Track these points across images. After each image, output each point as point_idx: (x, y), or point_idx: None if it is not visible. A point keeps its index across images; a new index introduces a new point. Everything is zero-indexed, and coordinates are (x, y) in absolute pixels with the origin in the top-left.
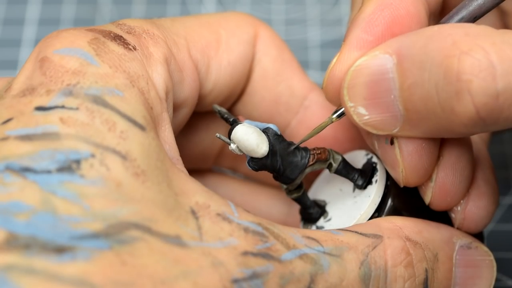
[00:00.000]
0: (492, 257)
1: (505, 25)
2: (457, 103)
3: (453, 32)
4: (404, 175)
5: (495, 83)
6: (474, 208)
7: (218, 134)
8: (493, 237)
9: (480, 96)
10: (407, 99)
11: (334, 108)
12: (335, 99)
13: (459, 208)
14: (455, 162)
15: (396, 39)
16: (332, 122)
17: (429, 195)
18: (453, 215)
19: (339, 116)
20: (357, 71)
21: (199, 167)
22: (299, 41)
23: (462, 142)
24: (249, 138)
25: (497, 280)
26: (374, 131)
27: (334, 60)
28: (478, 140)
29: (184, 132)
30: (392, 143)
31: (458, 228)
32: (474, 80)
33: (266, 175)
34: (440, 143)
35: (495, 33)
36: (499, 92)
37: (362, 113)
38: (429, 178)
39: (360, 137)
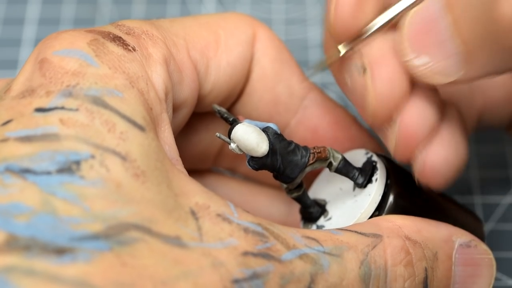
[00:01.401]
0: (491, 256)
1: None
2: (498, 5)
3: None
4: (373, 107)
5: None
6: (434, 156)
7: (218, 134)
8: (493, 237)
9: None
10: (460, 31)
11: (334, 109)
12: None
13: (419, 156)
14: (421, 108)
15: None
16: (340, 55)
17: (393, 141)
18: (414, 167)
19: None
20: (411, 20)
21: (198, 167)
22: (299, 40)
23: (430, 94)
24: (249, 137)
25: (497, 279)
26: (441, 80)
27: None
28: (454, 109)
29: (183, 133)
30: (364, 72)
31: (417, 179)
32: None
33: (266, 176)
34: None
35: None
36: None
37: (424, 62)
38: (392, 120)
39: (360, 137)
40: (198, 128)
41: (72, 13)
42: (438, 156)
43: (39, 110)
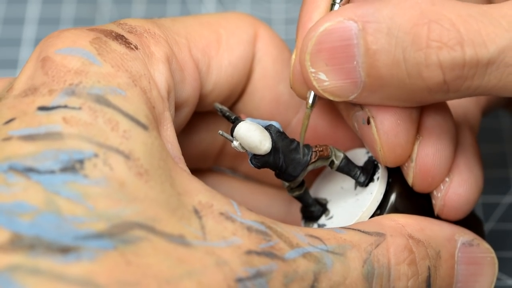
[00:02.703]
0: (493, 254)
1: (489, 1)
2: (425, 68)
3: (419, 1)
4: (383, 154)
5: (463, 53)
6: (454, 195)
7: (220, 131)
8: (493, 237)
9: (448, 63)
10: (371, 65)
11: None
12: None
13: (439, 194)
14: (435, 142)
15: (359, 6)
16: (311, 112)
17: (411, 176)
18: (433, 201)
19: (313, 103)
20: (321, 37)
21: (200, 167)
22: None
23: (443, 123)
24: (252, 135)
25: (497, 279)
26: (331, 98)
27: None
28: (465, 127)
29: (185, 132)
30: (368, 122)
31: (437, 214)
32: (443, 47)
33: (266, 175)
34: (420, 124)
35: (459, 5)
36: (466, 61)
37: (322, 79)
38: (409, 158)
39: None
40: (200, 127)
41: (72, 12)
42: (457, 194)
43: (42, 108)
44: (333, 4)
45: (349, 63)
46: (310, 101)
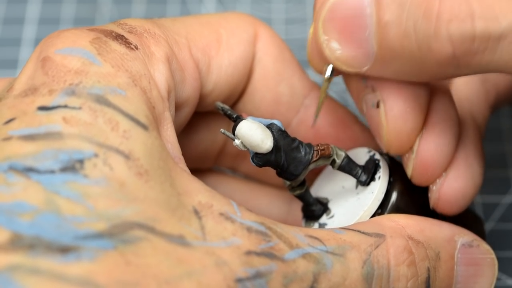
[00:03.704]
0: (493, 255)
1: None
2: (435, 41)
3: None
4: (387, 139)
5: (473, 26)
6: (449, 189)
7: (222, 130)
8: (493, 237)
9: (458, 36)
10: (383, 36)
11: (335, 108)
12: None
13: (434, 187)
14: (438, 136)
15: None
16: (328, 85)
17: (411, 168)
18: (429, 195)
19: (330, 75)
20: (334, 5)
21: (200, 166)
22: (300, 40)
23: (447, 117)
24: (254, 133)
25: (497, 278)
26: (343, 67)
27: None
28: (470, 124)
29: (185, 132)
30: (378, 106)
31: (432, 208)
32: (453, 20)
33: (266, 175)
34: (426, 115)
35: None
36: (476, 35)
37: (334, 47)
38: (411, 149)
39: (361, 135)
40: (200, 127)
41: (72, 12)
42: (452, 188)
43: (42, 108)
44: None
45: (361, 33)
46: (328, 73)
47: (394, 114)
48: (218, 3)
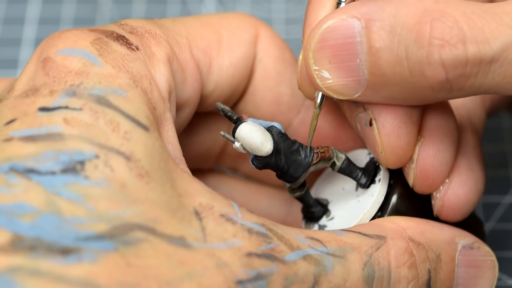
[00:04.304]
0: (494, 257)
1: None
2: (428, 66)
3: None
4: (384, 156)
5: (466, 50)
6: (453, 196)
7: (222, 132)
8: (493, 236)
9: (450, 61)
10: (374, 63)
11: (336, 108)
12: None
13: (438, 195)
14: (436, 144)
15: (362, 4)
16: (319, 112)
17: (412, 177)
18: (433, 202)
19: (321, 102)
20: (324, 34)
21: (200, 167)
22: (300, 40)
23: (445, 124)
24: (254, 136)
25: (497, 279)
26: (334, 96)
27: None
28: (468, 129)
29: (186, 133)
30: (371, 124)
31: (436, 215)
32: (445, 45)
33: (267, 175)
34: (422, 125)
35: (463, 3)
36: (469, 59)
37: (325, 77)
38: (409, 160)
39: None
40: (200, 128)
41: (72, 12)
42: (456, 195)
43: (43, 109)
44: (338, 3)
45: (352, 61)
46: (318, 101)
47: (387, 131)
48: (218, 3)
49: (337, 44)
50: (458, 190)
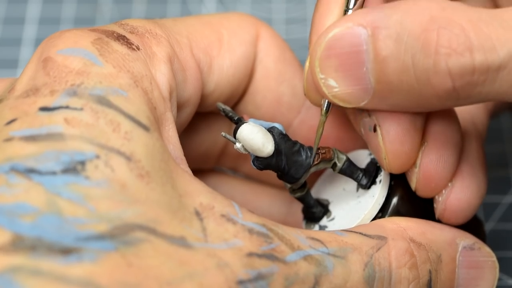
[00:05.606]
0: (494, 258)
1: (495, 5)
2: (434, 75)
3: (429, 7)
4: (387, 162)
5: (473, 59)
6: (455, 200)
7: (223, 133)
8: (493, 237)
9: (457, 70)
10: (381, 71)
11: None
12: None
13: (440, 198)
14: (440, 148)
15: (369, 12)
16: (325, 119)
17: (414, 181)
18: (435, 205)
19: (327, 110)
20: (331, 43)
21: (201, 167)
22: (300, 40)
23: (448, 129)
24: (255, 137)
25: (497, 279)
26: (341, 104)
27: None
28: (472, 133)
29: (187, 133)
30: (375, 130)
31: (438, 218)
32: (452, 53)
33: (267, 175)
34: (425, 129)
35: (470, 10)
36: (476, 67)
37: (332, 85)
38: (414, 164)
39: None
40: (201, 128)
41: (72, 12)
42: (459, 199)
43: (44, 109)
44: (346, 11)
45: (358, 70)
46: (324, 108)
47: (391, 137)
48: (218, 3)
49: (344, 52)
50: (460, 194)
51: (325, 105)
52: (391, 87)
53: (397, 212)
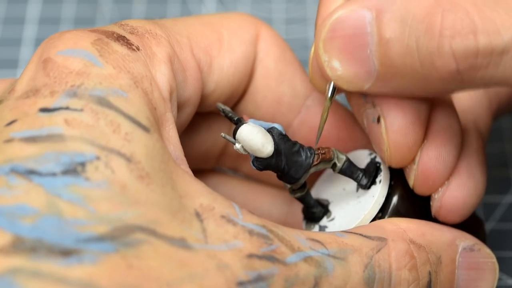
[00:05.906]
0: (494, 259)
1: None
2: (438, 57)
3: None
4: (389, 154)
5: (476, 41)
6: (451, 198)
7: (223, 134)
8: (493, 237)
9: (461, 52)
10: (384, 54)
11: (337, 109)
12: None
13: (436, 196)
14: (439, 146)
15: None
16: (330, 104)
17: (412, 178)
18: (431, 203)
19: (332, 94)
20: (335, 25)
21: (201, 167)
22: (300, 40)
23: (448, 127)
24: (254, 138)
25: (497, 279)
26: (344, 87)
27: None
28: (473, 133)
29: (187, 133)
30: (378, 121)
31: (434, 216)
32: (456, 36)
33: (268, 175)
34: (427, 127)
35: None
36: (479, 50)
37: (335, 67)
38: (412, 160)
39: (363, 137)
40: (201, 128)
41: (72, 12)
42: (454, 197)
43: (44, 110)
44: None
45: (362, 52)
46: (329, 93)
47: (394, 129)
48: (218, 3)
49: (348, 34)
50: (456, 192)
51: (330, 90)
52: (395, 70)
53: (397, 212)
